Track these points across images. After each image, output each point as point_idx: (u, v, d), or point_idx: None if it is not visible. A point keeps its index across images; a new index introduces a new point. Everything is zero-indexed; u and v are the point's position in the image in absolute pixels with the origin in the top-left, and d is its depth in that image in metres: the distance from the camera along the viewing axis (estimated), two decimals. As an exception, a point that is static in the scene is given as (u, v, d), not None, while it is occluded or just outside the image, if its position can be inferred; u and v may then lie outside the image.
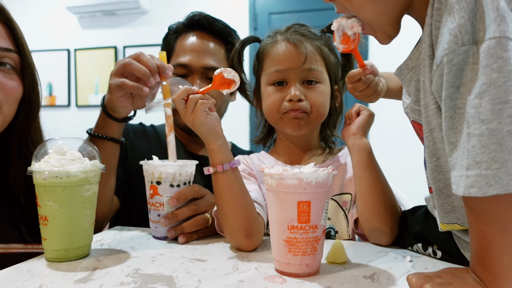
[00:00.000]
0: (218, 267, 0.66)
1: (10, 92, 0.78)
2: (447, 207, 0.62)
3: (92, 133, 0.93)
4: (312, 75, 0.88)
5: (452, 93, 0.50)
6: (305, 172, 0.60)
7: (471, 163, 0.47)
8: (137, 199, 1.08)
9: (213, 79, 0.75)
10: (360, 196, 0.80)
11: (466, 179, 0.47)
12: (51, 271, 0.64)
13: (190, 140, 1.20)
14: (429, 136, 0.59)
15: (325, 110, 0.91)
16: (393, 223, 0.78)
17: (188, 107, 0.73)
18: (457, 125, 0.50)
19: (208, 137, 0.75)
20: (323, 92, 0.89)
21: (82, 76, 3.95)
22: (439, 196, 0.63)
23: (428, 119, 0.58)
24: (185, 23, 1.16)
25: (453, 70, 0.49)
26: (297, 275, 0.61)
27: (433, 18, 0.53)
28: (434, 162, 0.61)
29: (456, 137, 0.50)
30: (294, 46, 0.88)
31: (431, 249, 0.72)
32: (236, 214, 0.74)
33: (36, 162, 0.70)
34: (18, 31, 0.82)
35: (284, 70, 0.88)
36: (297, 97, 0.86)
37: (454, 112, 0.50)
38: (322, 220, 0.62)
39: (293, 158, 0.95)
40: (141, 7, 3.70)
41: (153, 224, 0.85)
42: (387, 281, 0.60)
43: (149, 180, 0.85)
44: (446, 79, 0.50)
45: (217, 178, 0.75)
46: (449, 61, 0.49)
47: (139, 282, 0.59)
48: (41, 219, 0.69)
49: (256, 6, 3.57)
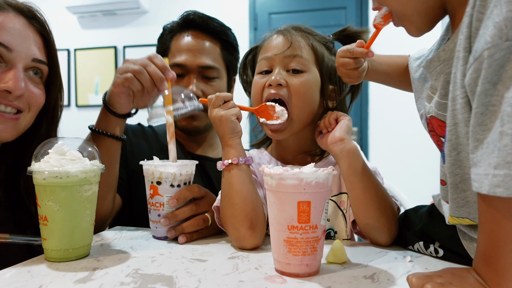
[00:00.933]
0: (218, 267, 0.66)
1: (36, 100, 0.83)
2: (460, 201, 0.62)
3: (94, 129, 0.93)
4: (297, 62, 0.85)
5: (487, 89, 0.48)
6: (305, 172, 0.59)
7: (501, 162, 0.45)
8: (137, 199, 1.08)
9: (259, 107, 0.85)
10: (354, 202, 0.79)
11: (493, 178, 0.46)
12: (51, 271, 0.64)
13: (188, 140, 1.20)
14: (452, 130, 0.58)
15: (305, 102, 0.85)
16: (391, 223, 0.78)
17: (225, 105, 0.81)
18: (487, 122, 0.48)
19: (230, 134, 0.81)
20: (307, 83, 0.85)
21: (82, 76, 3.95)
22: (454, 190, 0.62)
23: (455, 113, 0.56)
24: (179, 23, 1.15)
25: (492, 66, 0.47)
26: (297, 275, 0.61)
27: (475, 9, 0.50)
28: (454, 156, 0.60)
29: (484, 134, 0.48)
30: (283, 36, 0.88)
31: (433, 247, 0.72)
32: (244, 204, 0.76)
33: (36, 162, 0.70)
34: (53, 45, 0.88)
35: (270, 57, 0.87)
36: (277, 82, 0.83)
37: (487, 108, 0.48)
38: (322, 220, 0.62)
39: (287, 158, 0.93)
40: (141, 7, 3.70)
41: (153, 224, 0.85)
42: (387, 281, 0.60)
43: (149, 180, 0.85)
44: (484, 74, 0.48)
45: (230, 170, 0.79)
46: (490, 56, 0.47)
47: (139, 282, 0.59)
48: (41, 219, 0.69)
49: (256, 6, 3.57)
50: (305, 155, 0.93)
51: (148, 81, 0.86)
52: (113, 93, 0.89)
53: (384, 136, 3.26)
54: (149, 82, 0.87)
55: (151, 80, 0.87)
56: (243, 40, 3.45)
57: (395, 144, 3.23)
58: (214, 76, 1.12)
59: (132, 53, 3.87)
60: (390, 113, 3.27)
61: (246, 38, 3.53)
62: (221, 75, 1.14)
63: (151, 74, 0.86)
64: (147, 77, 0.86)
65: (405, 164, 3.11)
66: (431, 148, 3.20)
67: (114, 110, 0.92)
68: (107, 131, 0.92)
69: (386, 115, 3.28)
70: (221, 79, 1.15)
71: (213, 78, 1.12)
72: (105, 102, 0.92)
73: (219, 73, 1.14)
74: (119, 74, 0.88)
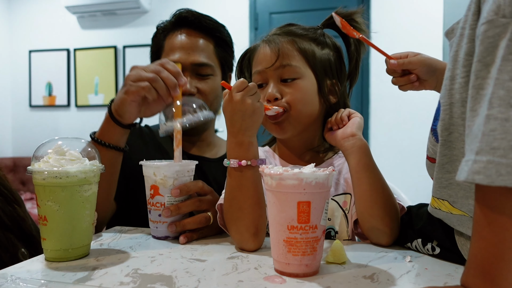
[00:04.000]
0: (217, 267, 0.66)
1: None
2: (444, 182, 0.60)
3: (96, 139, 0.92)
4: (288, 71, 0.86)
5: (479, 70, 0.44)
6: (305, 172, 0.59)
7: (484, 147, 0.41)
8: (135, 200, 1.07)
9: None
10: (359, 198, 0.80)
11: (473, 164, 0.42)
12: (51, 271, 0.64)
13: (185, 140, 1.19)
14: (447, 109, 0.55)
15: (306, 106, 0.87)
16: (393, 224, 0.78)
17: (257, 96, 0.74)
18: (477, 107, 0.44)
19: (254, 128, 0.76)
20: (303, 88, 0.86)
21: (82, 76, 3.95)
22: (440, 169, 0.60)
23: (452, 92, 0.53)
24: (172, 21, 1.15)
25: (484, 43, 0.43)
26: (297, 275, 0.61)
27: None
28: (445, 136, 0.57)
29: (474, 121, 0.44)
30: (269, 46, 0.88)
31: (430, 245, 0.72)
32: (253, 210, 0.74)
33: (35, 162, 0.70)
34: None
35: (262, 71, 0.88)
36: (273, 96, 0.85)
37: (477, 92, 0.44)
38: (322, 221, 0.62)
39: (292, 158, 0.94)
40: (141, 7, 3.70)
41: (154, 224, 0.85)
42: (387, 281, 0.59)
43: (150, 180, 0.85)
44: (477, 51, 0.44)
45: (245, 172, 0.75)
46: (484, 32, 0.43)
47: (138, 282, 0.59)
48: (40, 219, 0.69)
49: (256, 6, 3.58)
50: (312, 152, 0.94)
51: (163, 88, 0.85)
52: (125, 101, 0.87)
53: (384, 136, 3.26)
54: (165, 90, 0.86)
55: (166, 87, 0.86)
56: (243, 40, 3.45)
57: (395, 144, 3.24)
58: (208, 73, 1.12)
59: (132, 53, 3.87)
60: (390, 113, 3.28)
61: (246, 38, 3.53)
62: (215, 72, 1.14)
63: (165, 81, 0.85)
64: (163, 84, 0.85)
65: (405, 164, 3.12)
66: (431, 148, 3.11)
67: (120, 120, 0.90)
68: (110, 143, 0.91)
69: (386, 115, 3.28)
70: (216, 76, 1.15)
71: (207, 75, 1.12)
72: (111, 112, 0.90)
73: (214, 70, 1.13)
74: (131, 82, 0.86)
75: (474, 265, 0.44)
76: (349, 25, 0.89)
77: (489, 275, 0.42)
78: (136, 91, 0.85)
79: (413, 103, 3.14)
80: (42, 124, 4.10)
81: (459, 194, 0.59)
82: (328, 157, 0.96)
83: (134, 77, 0.86)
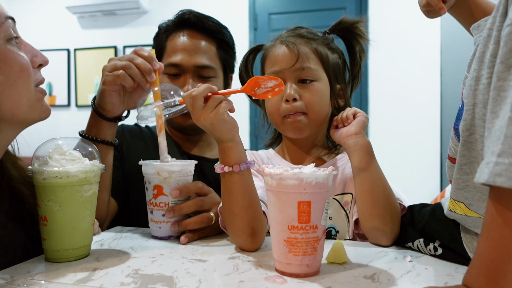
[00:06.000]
0: (218, 267, 0.66)
1: None
2: (461, 183, 0.60)
3: (84, 135, 0.92)
4: (306, 73, 0.88)
5: (501, 71, 0.44)
6: (305, 172, 0.59)
7: (507, 150, 0.40)
8: (134, 200, 1.07)
9: (247, 82, 0.73)
10: (360, 196, 0.80)
11: (495, 166, 0.41)
12: (51, 271, 0.64)
13: (185, 140, 1.20)
14: (470, 109, 0.54)
15: (322, 108, 0.90)
16: (393, 223, 0.78)
17: (209, 106, 0.71)
18: (497, 109, 0.44)
19: (227, 135, 0.74)
20: (319, 90, 0.89)
21: (82, 76, 3.95)
22: (458, 170, 0.60)
23: (476, 93, 0.53)
24: (175, 22, 1.15)
25: (508, 45, 0.43)
26: (298, 275, 0.61)
27: None
28: (465, 137, 0.57)
29: (494, 123, 0.44)
30: (288, 48, 0.89)
31: (432, 245, 0.72)
32: (245, 214, 0.74)
33: (35, 162, 0.70)
34: None
35: (280, 71, 0.89)
36: (292, 96, 0.86)
37: (498, 94, 0.44)
38: (323, 220, 0.62)
39: (299, 158, 0.96)
40: (141, 7, 3.70)
41: (156, 225, 0.85)
42: (387, 281, 0.59)
43: (154, 180, 0.84)
44: (500, 53, 0.44)
45: (231, 178, 0.74)
46: (508, 34, 0.43)
47: (139, 282, 0.59)
48: (40, 219, 0.69)
49: (256, 6, 3.57)
50: (319, 147, 0.96)
51: (138, 74, 0.85)
52: (104, 92, 0.88)
53: (384, 135, 3.26)
54: (139, 76, 0.86)
55: (141, 73, 0.86)
56: (243, 40, 3.46)
57: (394, 143, 3.23)
58: (210, 75, 1.12)
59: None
60: (390, 113, 3.28)
61: (246, 38, 3.53)
62: (217, 74, 1.14)
63: (139, 67, 0.86)
64: (137, 71, 0.85)
65: (405, 163, 3.11)
66: (430, 148, 3.22)
67: (104, 114, 0.90)
68: (97, 137, 0.91)
69: (386, 115, 3.28)
70: (218, 78, 1.14)
71: (209, 77, 1.12)
72: (95, 107, 0.91)
73: (216, 73, 1.13)
74: (107, 72, 0.87)
75: (480, 265, 0.44)
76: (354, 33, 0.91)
77: (494, 275, 0.41)
78: (113, 80, 0.86)
79: (413, 103, 3.14)
80: (42, 124, 4.09)
81: (475, 197, 0.59)
82: (332, 157, 0.96)
83: (110, 67, 0.87)
